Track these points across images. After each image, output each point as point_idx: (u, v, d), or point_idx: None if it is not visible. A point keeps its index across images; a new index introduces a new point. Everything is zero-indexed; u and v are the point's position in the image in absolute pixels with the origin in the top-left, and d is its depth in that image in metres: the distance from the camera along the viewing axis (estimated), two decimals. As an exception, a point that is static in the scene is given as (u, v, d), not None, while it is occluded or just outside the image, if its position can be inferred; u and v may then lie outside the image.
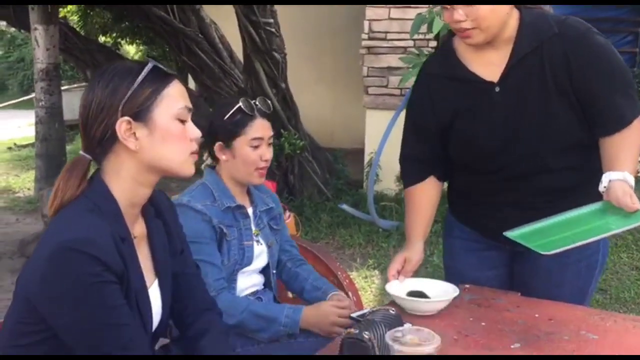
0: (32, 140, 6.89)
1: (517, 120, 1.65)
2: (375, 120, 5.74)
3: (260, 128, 1.84)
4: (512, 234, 1.56)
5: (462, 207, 1.89)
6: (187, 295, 1.43)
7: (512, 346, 1.44)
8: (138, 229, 1.31)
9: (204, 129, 1.35)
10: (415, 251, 1.78)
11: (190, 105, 1.27)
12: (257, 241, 1.90)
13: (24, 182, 7.30)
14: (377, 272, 4.08)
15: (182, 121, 1.25)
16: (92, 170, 1.27)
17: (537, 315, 1.62)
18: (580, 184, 1.68)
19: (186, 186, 1.92)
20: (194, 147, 1.28)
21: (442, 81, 1.73)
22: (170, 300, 1.36)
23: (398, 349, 1.18)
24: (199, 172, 1.49)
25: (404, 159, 1.87)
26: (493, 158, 1.70)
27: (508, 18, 1.61)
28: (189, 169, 1.28)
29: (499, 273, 1.89)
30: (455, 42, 1.71)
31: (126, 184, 1.24)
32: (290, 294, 2.18)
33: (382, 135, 4.70)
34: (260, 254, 1.91)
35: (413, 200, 1.84)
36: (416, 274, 1.78)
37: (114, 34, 8.92)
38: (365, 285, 3.88)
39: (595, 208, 1.53)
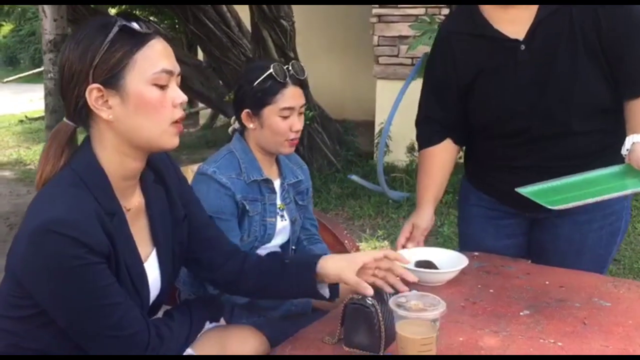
0: (43, 113, 6.88)
1: (542, 80, 1.59)
2: (385, 91, 5.65)
3: (292, 97, 1.73)
4: (525, 190, 1.52)
5: (479, 173, 1.83)
6: (208, 245, 1.38)
7: (521, 313, 1.40)
8: (133, 200, 1.24)
9: (214, 101, 1.25)
10: (423, 217, 1.73)
11: (172, 68, 1.15)
12: (282, 216, 1.81)
13: (35, 155, 7.33)
14: (386, 242, 4.05)
15: (162, 86, 1.14)
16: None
17: (547, 283, 1.58)
18: (604, 149, 1.62)
19: (197, 158, 1.86)
20: (177, 114, 1.16)
21: (465, 39, 1.67)
22: (171, 269, 1.32)
23: (402, 314, 1.14)
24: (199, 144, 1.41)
25: (420, 120, 1.82)
26: (516, 119, 1.64)
27: None
28: (170, 141, 1.17)
29: (517, 242, 1.83)
30: (484, 12, 1.65)
31: (112, 155, 1.16)
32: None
33: (392, 105, 4.62)
34: (283, 230, 1.83)
35: (426, 163, 1.79)
36: (425, 243, 1.74)
37: (123, 5, 8.81)
38: (375, 256, 3.85)
39: (615, 170, 1.48)
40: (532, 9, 1.58)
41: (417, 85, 4.49)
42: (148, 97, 1.13)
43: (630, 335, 1.29)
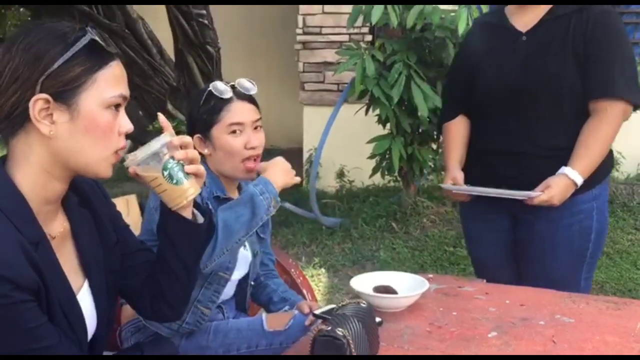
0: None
1: (534, 66, 1.87)
2: (312, 117, 5.64)
3: (239, 111, 1.63)
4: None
5: (470, 162, 2.04)
6: (140, 271, 1.26)
7: (489, 335, 1.36)
8: (57, 226, 1.12)
9: (135, 132, 1.14)
10: (457, 173, 1.98)
11: (127, 93, 1.09)
12: (244, 245, 1.69)
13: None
14: (323, 270, 3.97)
15: (114, 112, 1.07)
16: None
17: (507, 302, 1.56)
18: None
19: (117, 192, 1.72)
20: (122, 143, 1.10)
21: (484, 28, 2.06)
22: (106, 301, 1.19)
23: None
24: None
25: (444, 96, 2.29)
26: (507, 96, 1.89)
27: None
28: (106, 170, 1.10)
29: (502, 236, 2.02)
30: (508, 5, 2.01)
31: (36, 175, 1.05)
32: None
33: (322, 131, 4.59)
34: (244, 262, 1.71)
35: (446, 135, 2.09)
36: (364, 268, 1.70)
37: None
38: (313, 285, 3.75)
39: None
40: (541, 12, 1.90)
41: (343, 111, 4.52)
42: (100, 121, 1.05)
43: (601, 350, 1.27)
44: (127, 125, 1.09)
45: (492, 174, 1.93)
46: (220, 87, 1.62)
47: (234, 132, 1.62)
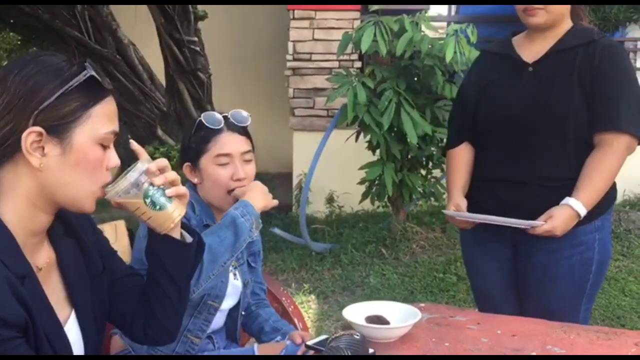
0: None
1: (540, 97, 1.87)
2: (302, 142, 5.66)
3: (228, 143, 1.64)
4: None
5: (471, 191, 2.03)
6: (131, 296, 1.25)
7: (481, 366, 1.36)
8: (43, 256, 1.11)
9: (123, 157, 1.15)
10: (460, 200, 1.97)
11: (117, 129, 1.10)
12: (234, 274, 1.69)
13: None
14: (313, 296, 3.95)
15: (104, 147, 1.08)
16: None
17: (499, 332, 1.56)
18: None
19: (105, 217, 1.70)
20: (108, 178, 1.11)
21: (491, 57, 2.07)
22: (94, 331, 1.18)
23: None
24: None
25: (449, 123, 2.21)
26: (510, 124, 1.91)
27: (566, 15, 1.92)
28: (91, 205, 1.10)
29: (505, 266, 2.00)
30: (515, 37, 2.03)
31: (22, 207, 1.04)
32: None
33: (313, 156, 4.61)
34: (234, 291, 1.70)
35: (450, 162, 2.09)
36: (353, 295, 1.71)
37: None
38: (302, 311, 3.73)
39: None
40: (549, 44, 1.91)
41: (333, 137, 4.54)
42: (91, 156, 1.05)
43: (593, 382, 1.27)
44: (115, 160, 1.10)
45: (495, 202, 1.93)
46: (210, 118, 1.63)
47: (221, 163, 1.63)
